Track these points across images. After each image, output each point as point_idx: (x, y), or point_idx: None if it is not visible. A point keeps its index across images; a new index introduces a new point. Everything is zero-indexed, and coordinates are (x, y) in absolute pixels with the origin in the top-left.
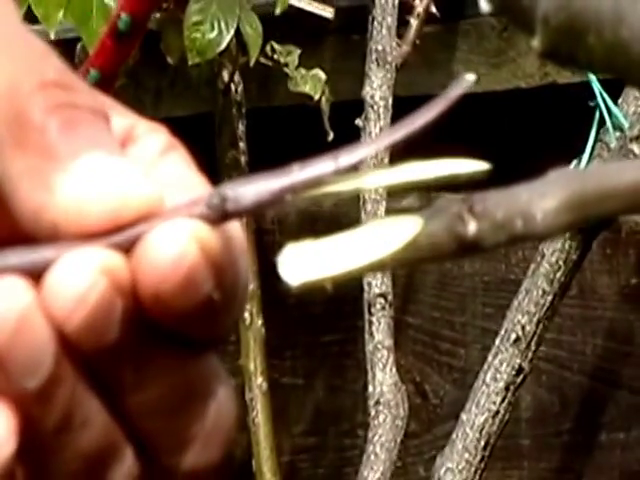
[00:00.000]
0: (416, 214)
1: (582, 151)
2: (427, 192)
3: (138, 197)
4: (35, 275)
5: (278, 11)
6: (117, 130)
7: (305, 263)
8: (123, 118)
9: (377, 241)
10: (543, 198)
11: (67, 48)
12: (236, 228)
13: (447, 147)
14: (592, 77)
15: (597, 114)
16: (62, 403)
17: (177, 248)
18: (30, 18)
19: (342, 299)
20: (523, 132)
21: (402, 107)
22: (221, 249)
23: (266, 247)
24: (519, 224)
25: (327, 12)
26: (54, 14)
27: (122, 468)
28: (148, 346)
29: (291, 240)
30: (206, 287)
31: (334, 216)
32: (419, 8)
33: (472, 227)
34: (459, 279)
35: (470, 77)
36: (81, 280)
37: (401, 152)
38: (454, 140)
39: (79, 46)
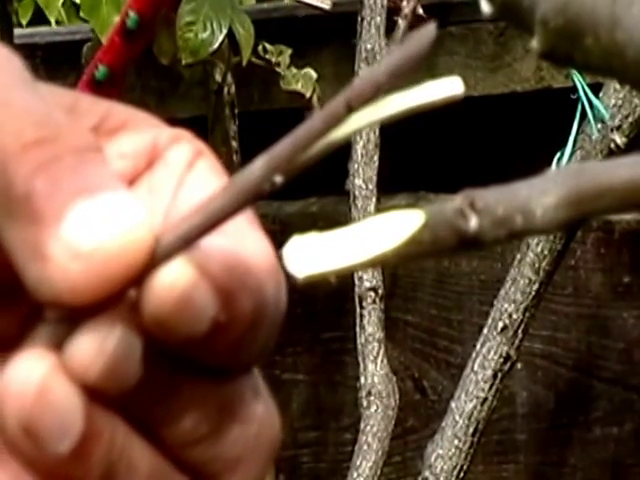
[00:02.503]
0: (418, 209)
1: (565, 143)
2: (416, 191)
3: (133, 243)
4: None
5: (286, 0)
6: (139, 149)
7: (310, 256)
8: (142, 133)
9: (380, 235)
10: (542, 195)
11: (73, 49)
12: (260, 250)
13: (447, 146)
14: (573, 71)
15: (579, 107)
16: (102, 457)
17: (172, 272)
18: (37, 21)
19: (342, 297)
20: (519, 134)
21: None
22: (226, 271)
23: None
24: (519, 220)
25: (325, 4)
26: (55, 2)
27: None
28: (174, 378)
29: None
30: (209, 310)
31: (335, 216)
32: (406, 9)
33: (473, 222)
34: (456, 278)
35: (431, 29)
36: (95, 335)
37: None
38: (454, 140)
39: (85, 47)
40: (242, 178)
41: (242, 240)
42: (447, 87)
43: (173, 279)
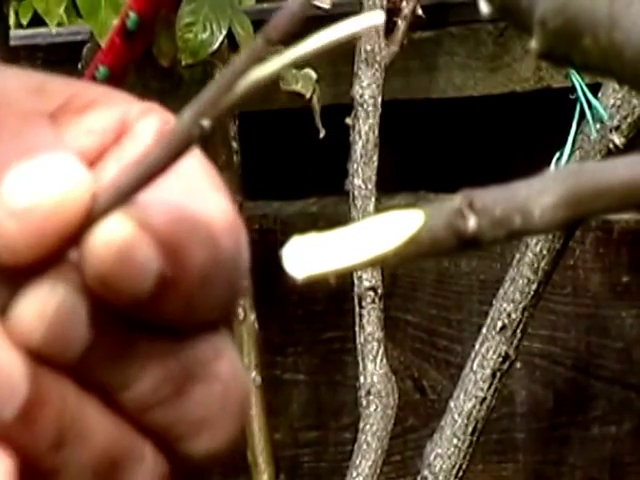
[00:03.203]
0: (417, 209)
1: (564, 143)
2: (416, 191)
3: (70, 201)
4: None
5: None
6: (108, 124)
7: (309, 256)
8: (112, 109)
9: (380, 236)
10: (541, 195)
11: (73, 50)
12: (217, 209)
13: (447, 146)
14: (572, 71)
15: (578, 107)
16: (51, 423)
17: (109, 227)
18: (36, 22)
19: (343, 297)
20: (518, 133)
21: (402, 110)
22: (171, 224)
23: (269, 246)
24: (517, 220)
25: (324, 3)
26: (55, 9)
27: (143, 468)
28: (129, 340)
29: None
30: (153, 265)
31: (335, 216)
32: (406, 10)
33: (472, 223)
34: (456, 277)
35: (378, 16)
36: (36, 298)
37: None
38: (453, 140)
39: (85, 48)
40: (172, 128)
41: (196, 198)
42: (368, 19)
43: (111, 234)
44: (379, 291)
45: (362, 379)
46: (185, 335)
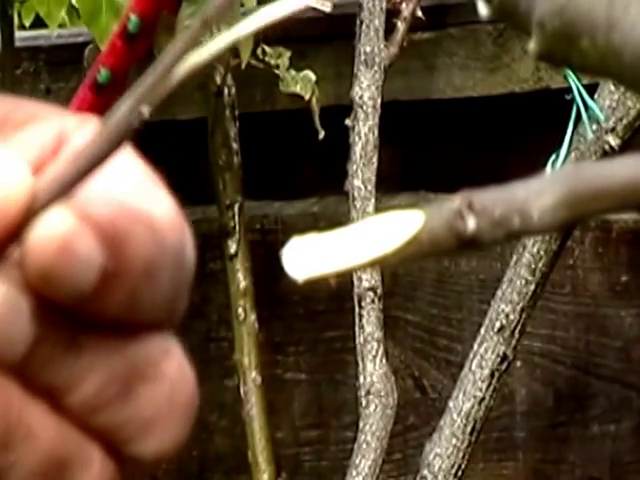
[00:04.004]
0: (417, 210)
1: (561, 144)
2: (416, 191)
3: (7, 198)
4: None
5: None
6: (46, 138)
7: (309, 257)
8: (49, 123)
9: (380, 236)
10: (540, 196)
11: (75, 52)
12: (160, 205)
13: (446, 147)
14: (569, 72)
15: (574, 108)
16: None
17: (49, 220)
18: (39, 23)
19: (344, 296)
20: (517, 134)
21: (402, 111)
22: (113, 218)
23: (270, 246)
24: (516, 221)
25: (325, 6)
26: (55, 12)
27: (90, 472)
28: (74, 339)
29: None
30: (95, 258)
31: (335, 216)
32: (405, 12)
33: (471, 223)
34: (456, 277)
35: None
36: None
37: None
38: (453, 140)
39: (87, 50)
40: (111, 118)
41: (138, 194)
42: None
43: (51, 227)
44: (379, 291)
45: (362, 379)
46: (131, 334)
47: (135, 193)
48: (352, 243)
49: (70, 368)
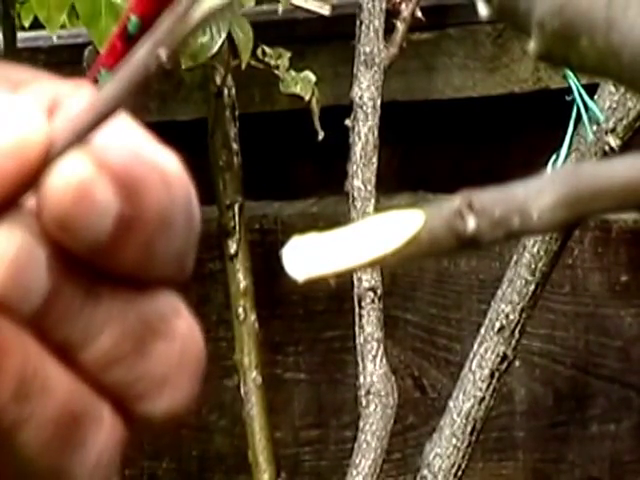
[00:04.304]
0: (416, 209)
1: (560, 144)
2: (416, 191)
3: (25, 143)
4: None
5: (280, 10)
6: (40, 101)
7: (309, 257)
8: (43, 87)
9: (379, 236)
10: (540, 195)
11: (75, 53)
12: (169, 159)
13: (446, 147)
14: (569, 73)
15: (574, 108)
16: (14, 372)
17: (67, 166)
18: (39, 24)
19: (343, 296)
20: (516, 134)
21: (401, 111)
22: (128, 166)
23: (269, 246)
24: (516, 221)
25: (324, 10)
26: (56, 17)
27: (102, 430)
28: (90, 292)
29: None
30: (111, 205)
31: (335, 216)
32: (405, 12)
33: (471, 223)
34: (455, 277)
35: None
36: None
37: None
38: (452, 141)
39: (87, 51)
40: (129, 62)
41: (148, 148)
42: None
43: (69, 173)
44: (378, 291)
45: (362, 379)
46: (145, 289)
47: (146, 145)
48: (352, 243)
49: (86, 322)
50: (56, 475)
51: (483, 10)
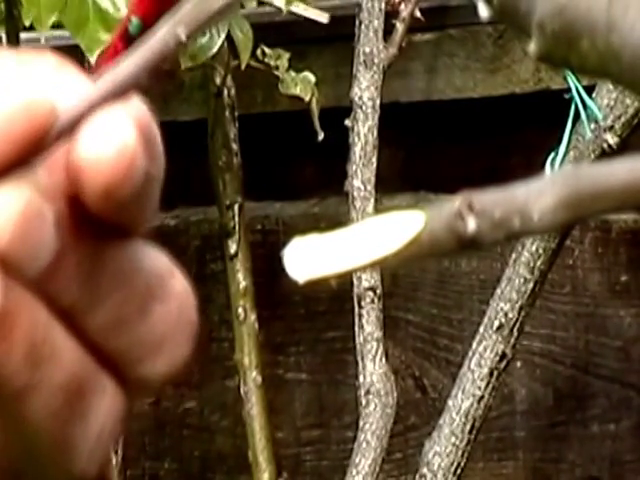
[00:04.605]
0: (417, 210)
1: (559, 142)
2: (417, 191)
3: (36, 103)
4: None
5: (284, 10)
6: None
7: (310, 258)
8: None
9: (380, 237)
10: (540, 196)
11: (76, 53)
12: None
13: (447, 147)
14: (567, 71)
15: (573, 107)
16: (24, 335)
17: (118, 138)
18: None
19: (344, 297)
20: (517, 134)
21: (403, 112)
22: (147, 120)
23: (270, 247)
24: (516, 222)
25: (322, 17)
26: (46, 17)
27: (104, 400)
28: (95, 255)
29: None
30: (145, 165)
31: (336, 217)
32: (404, 13)
33: (472, 224)
34: (457, 277)
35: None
36: (2, 199)
37: (394, 159)
38: (452, 141)
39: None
40: (149, 38)
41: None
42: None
43: (123, 140)
44: (378, 291)
45: (362, 378)
46: (144, 250)
47: (137, 104)
48: (353, 244)
49: (93, 286)
50: (59, 446)
51: (483, 11)
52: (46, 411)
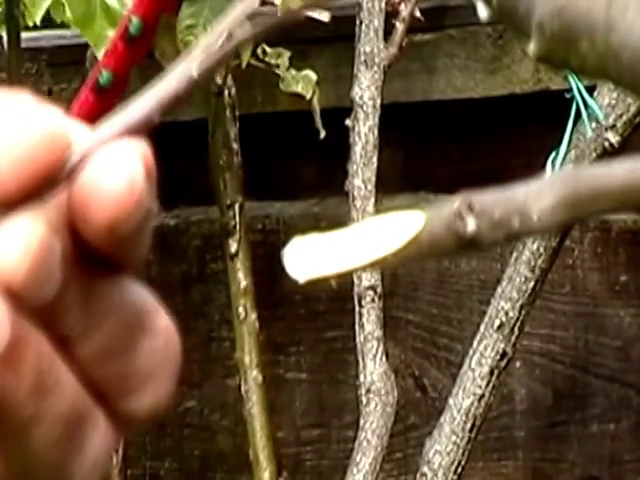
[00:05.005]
0: (417, 210)
1: (560, 142)
2: (417, 191)
3: (54, 136)
4: None
5: (278, 7)
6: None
7: (310, 258)
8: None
9: (380, 238)
10: (539, 197)
11: (77, 53)
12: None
13: (447, 148)
14: (568, 70)
15: (574, 106)
16: (32, 366)
17: (126, 176)
18: (42, 23)
19: (345, 296)
20: (517, 135)
21: (403, 112)
22: (149, 155)
23: (271, 246)
24: (516, 222)
25: (323, 16)
26: (39, 2)
27: (98, 431)
28: (92, 286)
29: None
30: (149, 202)
31: (337, 217)
32: (404, 13)
33: (471, 225)
34: (456, 277)
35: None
36: (17, 238)
37: (395, 159)
38: (454, 141)
39: (89, 51)
40: (163, 77)
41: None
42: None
43: (130, 181)
44: (378, 290)
45: (362, 377)
46: (134, 284)
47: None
48: (353, 244)
49: (86, 317)
50: (57, 475)
51: (483, 12)
52: (47, 440)
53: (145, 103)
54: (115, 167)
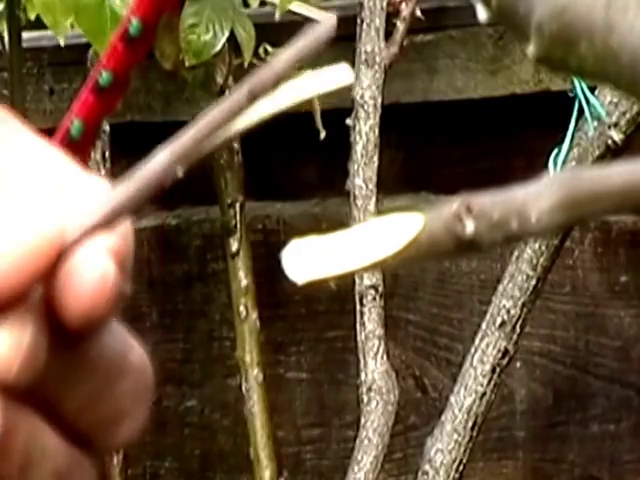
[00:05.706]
0: (416, 212)
1: (562, 141)
2: (418, 192)
3: (45, 241)
4: None
5: (277, 16)
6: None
7: (309, 260)
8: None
9: (379, 239)
10: (538, 199)
11: (79, 53)
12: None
13: (448, 148)
14: None
15: (576, 104)
16: (21, 448)
17: (98, 272)
18: (40, 24)
19: (345, 296)
20: (517, 135)
21: (403, 113)
22: (123, 243)
23: (271, 246)
24: (514, 224)
25: (329, 19)
26: (62, 21)
27: (85, 475)
28: (70, 353)
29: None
30: (123, 288)
31: (337, 217)
32: (405, 12)
33: (470, 227)
34: (457, 277)
35: (330, 21)
36: (9, 340)
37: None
38: (454, 142)
39: (91, 51)
40: (144, 171)
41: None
42: (338, 76)
43: (102, 280)
44: (380, 289)
45: (363, 376)
46: (109, 332)
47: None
48: (352, 246)
49: (70, 375)
50: None
51: (482, 14)
52: None
53: (127, 194)
54: (89, 267)
